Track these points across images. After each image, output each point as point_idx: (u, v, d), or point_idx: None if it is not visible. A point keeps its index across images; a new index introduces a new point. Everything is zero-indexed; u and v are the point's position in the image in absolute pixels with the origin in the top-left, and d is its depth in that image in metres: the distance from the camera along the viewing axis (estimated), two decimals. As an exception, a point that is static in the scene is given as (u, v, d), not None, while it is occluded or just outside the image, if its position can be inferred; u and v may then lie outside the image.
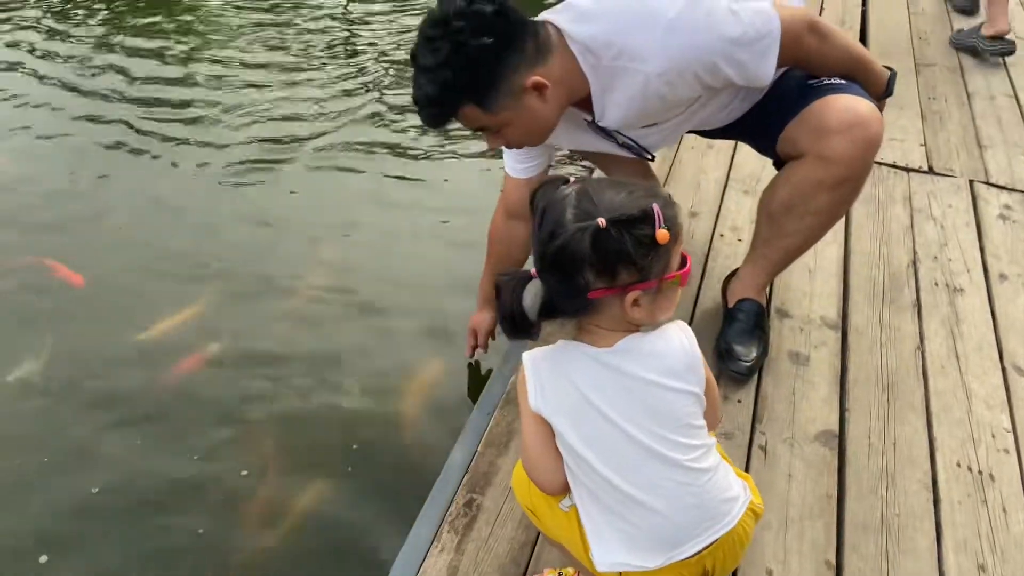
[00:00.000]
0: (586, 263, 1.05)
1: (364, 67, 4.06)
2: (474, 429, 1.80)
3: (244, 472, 2.03)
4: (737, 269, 2.02)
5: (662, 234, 1.04)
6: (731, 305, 1.96)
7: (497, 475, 1.67)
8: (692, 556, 1.14)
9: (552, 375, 1.16)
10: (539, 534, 1.53)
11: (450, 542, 1.53)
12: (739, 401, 1.81)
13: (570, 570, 1.45)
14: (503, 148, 1.69)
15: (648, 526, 1.13)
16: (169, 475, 2.01)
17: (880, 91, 1.70)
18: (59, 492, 1.96)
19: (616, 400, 1.12)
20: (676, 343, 1.15)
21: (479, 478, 1.66)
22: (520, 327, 1.15)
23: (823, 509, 1.59)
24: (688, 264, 1.12)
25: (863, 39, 3.76)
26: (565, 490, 1.22)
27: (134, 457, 2.05)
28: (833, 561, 1.50)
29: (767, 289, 2.02)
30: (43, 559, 1.82)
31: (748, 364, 1.84)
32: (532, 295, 1.13)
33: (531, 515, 1.36)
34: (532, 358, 1.19)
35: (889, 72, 1.71)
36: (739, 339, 1.88)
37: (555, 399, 1.15)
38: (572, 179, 1.12)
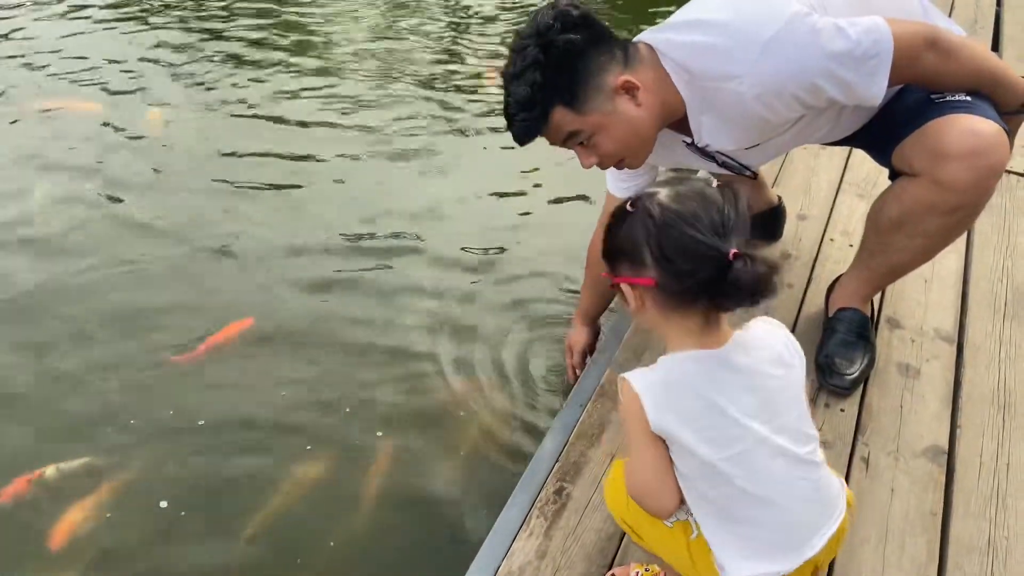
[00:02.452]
0: None
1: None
2: (566, 420, 1.82)
3: (379, 432, 2.21)
4: (841, 276, 1.95)
5: None
6: (832, 314, 1.90)
7: (587, 466, 1.68)
8: (819, 552, 1.13)
9: (670, 389, 1.11)
10: (627, 527, 1.54)
11: (539, 527, 1.55)
12: (842, 410, 1.76)
13: (656, 567, 1.44)
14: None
15: (779, 527, 1.12)
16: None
17: (1016, 104, 1.56)
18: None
19: (739, 399, 1.09)
20: (770, 329, 1.15)
21: (569, 468, 1.68)
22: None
23: (926, 526, 1.53)
24: None
25: (996, 41, 3.56)
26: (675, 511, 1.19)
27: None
28: (934, 580, 1.45)
29: (874, 298, 1.95)
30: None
31: (851, 377, 1.78)
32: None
33: (629, 530, 1.31)
34: (641, 380, 1.11)
35: None
36: (840, 351, 1.81)
37: (678, 413, 1.09)
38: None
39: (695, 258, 1.02)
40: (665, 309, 1.09)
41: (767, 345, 1.13)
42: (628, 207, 1.09)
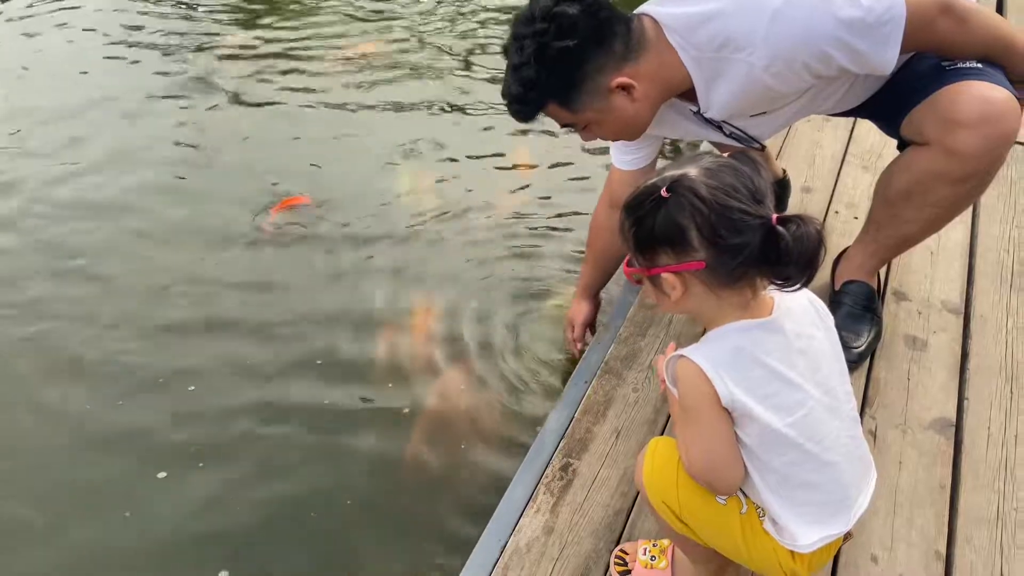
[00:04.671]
0: None
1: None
2: (571, 397, 1.81)
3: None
4: (847, 248, 1.93)
5: None
6: (838, 287, 1.88)
7: (593, 442, 1.67)
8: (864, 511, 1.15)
9: (735, 361, 1.08)
10: (634, 503, 1.53)
11: (546, 503, 1.55)
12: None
13: (665, 542, 1.44)
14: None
15: (835, 488, 1.12)
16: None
17: None
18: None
19: (795, 363, 1.09)
20: (797, 293, 1.11)
21: (575, 444, 1.67)
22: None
23: (935, 499, 1.52)
24: None
25: (1000, 10, 3.51)
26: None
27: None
28: (943, 552, 1.44)
29: (880, 271, 1.93)
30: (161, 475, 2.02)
31: (858, 350, 1.77)
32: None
33: (670, 514, 1.23)
34: (703, 356, 1.08)
35: None
36: (847, 324, 1.80)
37: (745, 383, 1.07)
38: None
39: (744, 230, 1.00)
40: (716, 288, 1.06)
41: (803, 307, 1.13)
42: (663, 193, 1.03)
